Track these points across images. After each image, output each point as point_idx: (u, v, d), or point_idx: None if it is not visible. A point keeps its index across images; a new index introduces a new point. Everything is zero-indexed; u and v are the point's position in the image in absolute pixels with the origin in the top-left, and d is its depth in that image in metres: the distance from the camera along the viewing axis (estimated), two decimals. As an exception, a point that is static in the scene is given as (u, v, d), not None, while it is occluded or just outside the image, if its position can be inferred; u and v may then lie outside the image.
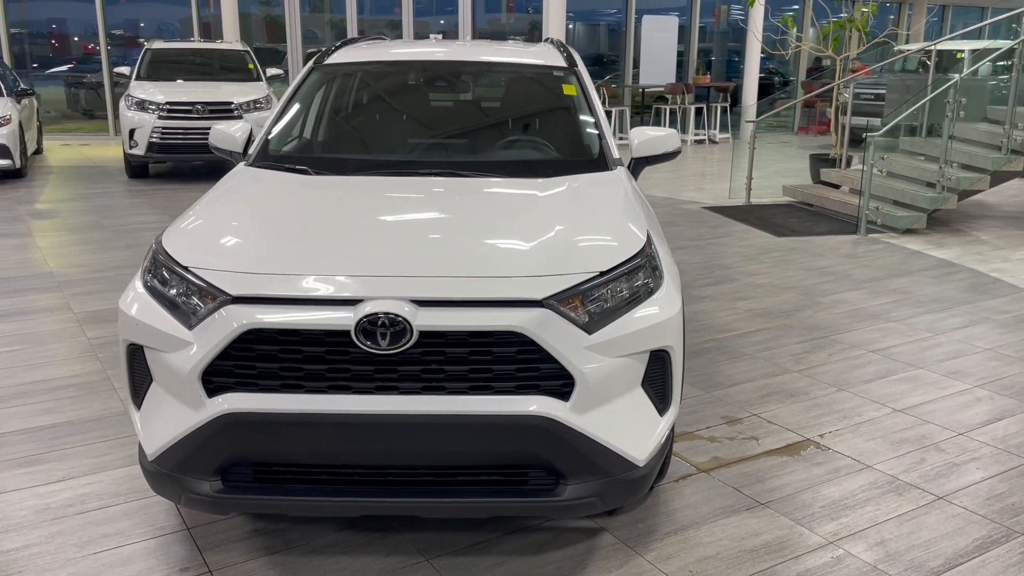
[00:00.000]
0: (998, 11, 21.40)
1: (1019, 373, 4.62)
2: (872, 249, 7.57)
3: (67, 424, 3.89)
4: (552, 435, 2.51)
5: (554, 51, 4.31)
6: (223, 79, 11.54)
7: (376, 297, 2.47)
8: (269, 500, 2.60)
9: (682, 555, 2.93)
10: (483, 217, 2.99)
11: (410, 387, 2.50)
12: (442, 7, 16.95)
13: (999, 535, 3.07)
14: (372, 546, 2.96)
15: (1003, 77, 10.21)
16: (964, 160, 8.38)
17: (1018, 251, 7.56)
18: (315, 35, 16.60)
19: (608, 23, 18.03)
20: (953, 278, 6.61)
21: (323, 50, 4.31)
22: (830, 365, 4.72)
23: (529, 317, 2.48)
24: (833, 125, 10.50)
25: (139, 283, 2.79)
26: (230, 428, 2.50)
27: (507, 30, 18.74)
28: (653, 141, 3.80)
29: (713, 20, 18.50)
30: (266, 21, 16.98)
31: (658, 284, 2.79)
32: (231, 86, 11.17)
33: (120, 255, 7.04)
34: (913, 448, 3.74)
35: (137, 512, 3.17)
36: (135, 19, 17.39)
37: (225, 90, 10.97)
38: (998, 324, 5.46)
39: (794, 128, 17.71)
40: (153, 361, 2.68)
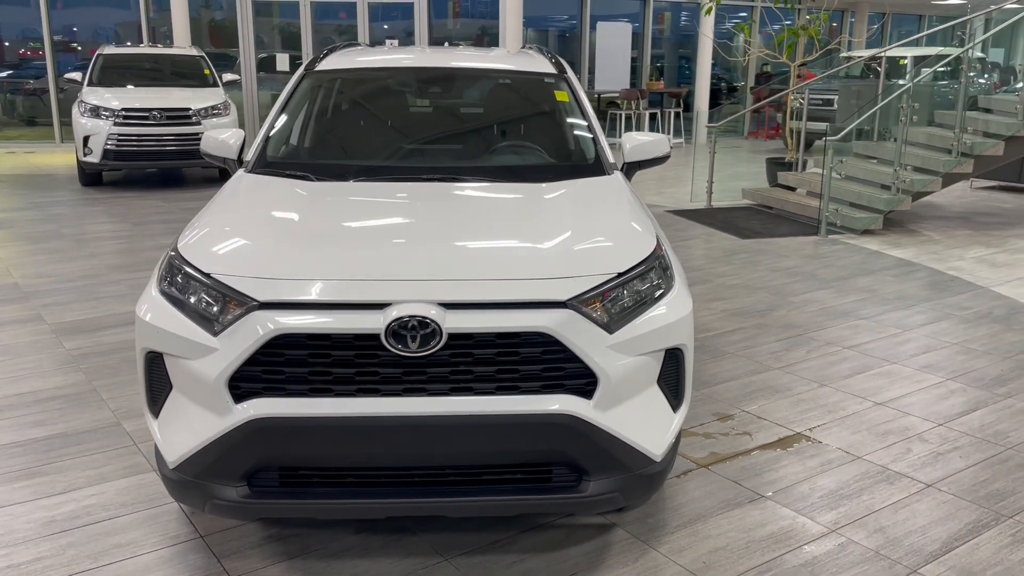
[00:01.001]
0: (933, 18, 22.18)
1: (987, 366, 4.83)
2: (834, 249, 7.81)
3: (60, 436, 3.82)
4: (577, 432, 2.57)
5: (542, 58, 4.39)
6: (178, 85, 11.37)
7: (404, 300, 2.51)
8: (296, 504, 2.61)
9: (694, 547, 3.02)
10: (498, 221, 3.04)
11: (438, 388, 2.54)
12: (387, 13, 16.89)
13: (988, 519, 3.23)
14: (390, 548, 2.99)
15: (946, 83, 10.63)
16: (916, 163, 8.69)
17: (970, 250, 7.87)
18: (261, 40, 16.42)
19: (562, 30, 18.19)
20: (913, 276, 6.86)
21: (313, 56, 4.31)
22: (809, 362, 4.87)
23: (554, 318, 2.54)
24: (788, 130, 10.77)
25: (155, 291, 2.78)
26: (258, 433, 2.51)
27: (454, 35, 18.76)
28: (644, 146, 3.90)
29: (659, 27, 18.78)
30: (211, 25, 16.74)
31: (670, 285, 2.88)
32: (187, 92, 11.01)
33: (85, 264, 6.90)
34: (898, 439, 3.89)
35: (147, 522, 3.15)
36: (70, 24, 16.96)
37: (182, 96, 10.80)
38: (961, 320, 5.69)
39: (744, 133, 18.09)
40: (174, 368, 2.67)
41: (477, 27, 18.85)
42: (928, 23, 22.07)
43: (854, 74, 14.61)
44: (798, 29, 10.23)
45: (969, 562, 2.95)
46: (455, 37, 18.29)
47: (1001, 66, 16.92)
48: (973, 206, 10.32)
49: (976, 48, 9.38)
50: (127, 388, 4.36)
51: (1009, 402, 4.32)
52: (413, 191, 3.31)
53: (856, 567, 2.91)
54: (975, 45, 9.40)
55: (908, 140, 8.66)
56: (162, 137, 10.43)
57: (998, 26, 9.79)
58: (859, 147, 9.47)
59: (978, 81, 11.51)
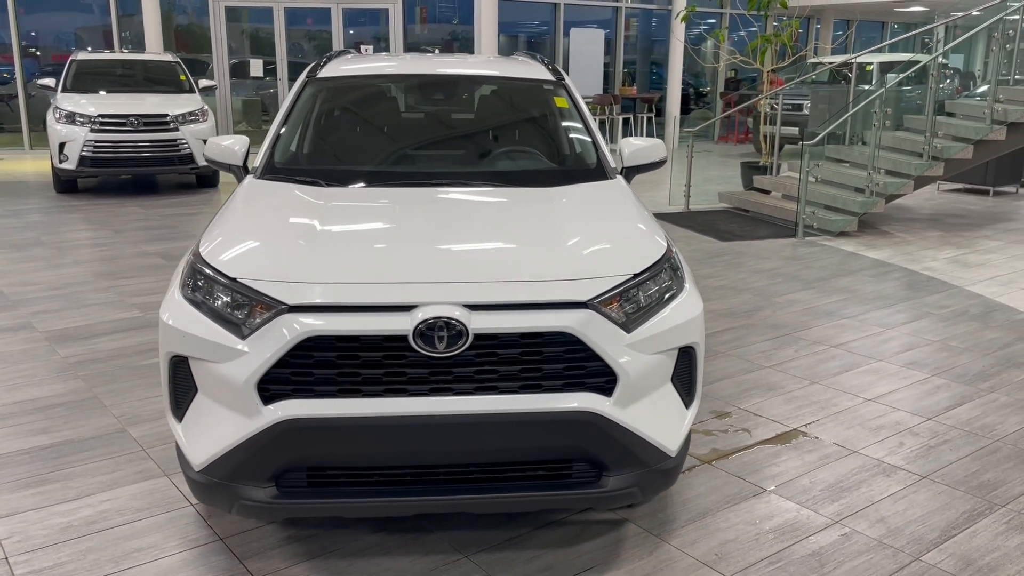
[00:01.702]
0: (895, 26, 22.66)
1: (969, 362, 5.00)
2: (811, 251, 7.99)
3: (67, 443, 3.82)
4: (598, 429, 2.65)
5: (539, 65, 4.47)
6: (154, 91, 11.29)
7: (431, 302, 2.57)
8: (325, 504, 2.66)
9: (705, 540, 3.11)
10: (513, 224, 3.11)
11: (464, 388, 2.61)
12: (355, 19, 16.87)
13: (983, 508, 3.36)
14: (409, 546, 3.04)
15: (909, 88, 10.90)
16: (889, 166, 8.91)
17: (942, 251, 8.09)
18: (231, 46, 16.33)
19: (535, 35, 18.33)
20: (890, 277, 7.04)
21: (314, 63, 4.36)
22: (798, 360, 5.01)
23: (576, 318, 2.62)
24: (762, 134, 10.97)
25: (179, 295, 2.82)
26: (288, 434, 2.55)
27: (422, 41, 18.81)
28: (642, 151, 3.99)
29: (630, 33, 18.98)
30: (177, 31, 16.62)
31: (681, 285, 2.97)
32: (164, 98, 10.94)
33: (70, 272, 6.86)
34: (890, 434, 4.03)
35: (165, 525, 3.17)
36: (28, 29, 16.70)
37: (159, 102, 10.74)
38: (940, 318, 5.87)
39: (714, 138, 18.35)
40: (200, 372, 2.71)
41: (446, 32, 18.92)
42: (890, 30, 22.55)
43: (821, 80, 14.90)
44: (771, 36, 10.43)
45: (967, 549, 3.08)
46: (423, 43, 18.34)
47: (961, 72, 17.39)
48: (941, 208, 10.59)
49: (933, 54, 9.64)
50: (128, 395, 4.37)
51: (993, 396, 4.48)
52: (425, 196, 3.37)
53: (862, 556, 3.02)
54: (943, 52, 9.65)
55: (882, 144, 8.88)
56: (139, 143, 10.35)
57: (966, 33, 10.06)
58: (831, 151, 9.68)
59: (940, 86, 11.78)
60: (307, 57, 16.60)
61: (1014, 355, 5.13)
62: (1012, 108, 8.52)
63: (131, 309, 5.86)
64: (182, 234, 8.41)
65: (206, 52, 15.64)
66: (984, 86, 14.59)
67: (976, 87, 15.74)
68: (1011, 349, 5.24)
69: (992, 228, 9.28)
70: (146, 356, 4.93)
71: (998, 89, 8.69)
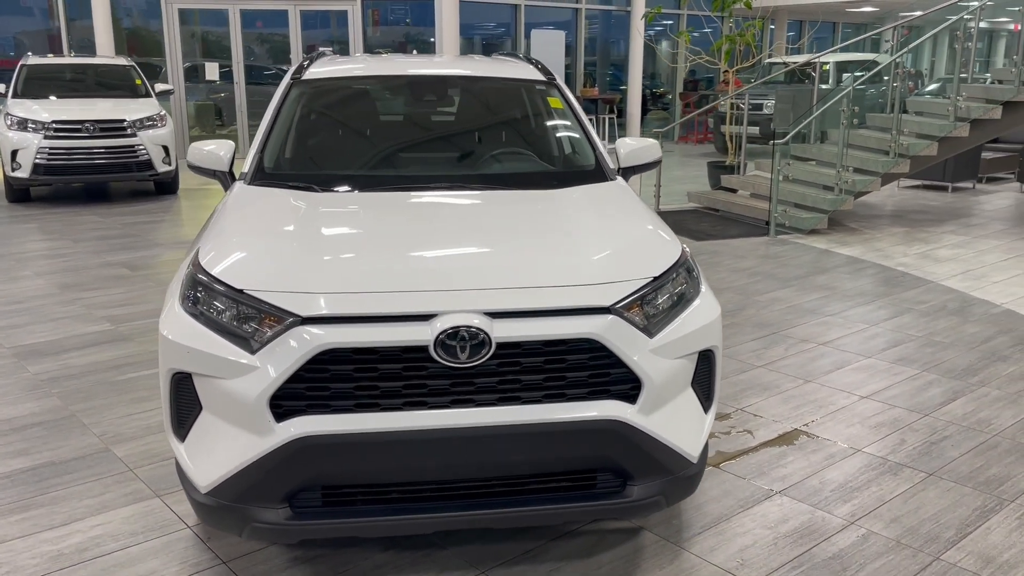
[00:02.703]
0: (846, 26, 23.07)
1: (955, 357, 5.04)
2: (785, 249, 8.03)
3: (48, 465, 3.63)
4: (623, 437, 2.58)
5: (529, 65, 4.39)
6: (109, 96, 10.95)
7: (450, 311, 2.47)
8: (341, 523, 2.54)
9: (724, 547, 3.06)
10: (525, 228, 3.02)
11: (486, 399, 2.51)
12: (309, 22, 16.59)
13: (993, 504, 3.36)
14: (421, 564, 2.94)
15: (875, 87, 11.07)
16: (856, 164, 9.01)
17: (912, 246, 8.19)
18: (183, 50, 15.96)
19: (495, 37, 18.25)
20: (866, 273, 7.10)
21: (297, 64, 4.21)
22: (789, 359, 5.00)
23: (600, 324, 2.54)
24: (728, 134, 11.03)
25: (179, 309, 2.67)
26: (304, 452, 2.43)
27: (375, 44, 18.62)
28: (638, 151, 3.94)
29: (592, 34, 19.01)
30: (127, 34, 16.20)
31: (698, 288, 2.91)
32: (120, 103, 10.62)
33: (32, 284, 6.59)
34: (891, 431, 4.02)
35: (162, 550, 3.02)
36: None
37: (115, 107, 10.42)
38: (921, 313, 5.93)
39: (674, 138, 18.45)
40: (205, 389, 2.57)
41: (400, 35, 18.74)
42: (841, 30, 22.94)
43: (778, 80, 15.07)
44: (735, 36, 10.49)
45: (985, 546, 3.07)
46: (376, 45, 18.12)
47: (912, 71, 17.75)
48: (904, 204, 10.75)
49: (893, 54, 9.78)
50: (108, 412, 4.18)
51: (984, 391, 4.51)
52: (428, 200, 3.27)
53: (883, 557, 2.99)
54: (904, 52, 9.81)
55: (846, 142, 8.97)
56: (95, 150, 10.03)
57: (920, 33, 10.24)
58: (796, 149, 9.75)
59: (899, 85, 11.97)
60: (260, 60, 16.31)
61: (998, 348, 5.18)
62: (974, 105, 8.68)
63: (100, 322, 5.63)
64: (145, 243, 8.15)
65: (156, 55, 15.27)
66: (933, 84, 14.93)
67: (925, 85, 16.09)
68: (994, 343, 5.29)
69: (955, 223, 9.44)
70: (122, 371, 4.73)
71: (960, 87, 8.84)
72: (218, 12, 15.10)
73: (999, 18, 19.04)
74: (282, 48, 16.52)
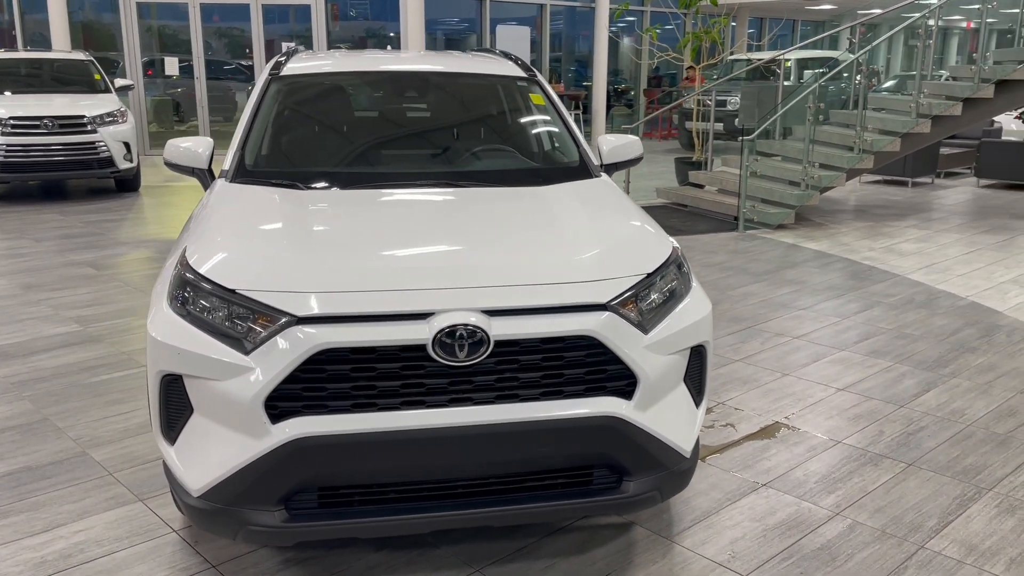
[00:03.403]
0: (805, 23, 23.39)
1: (926, 349, 5.14)
2: (754, 244, 8.12)
3: (24, 471, 3.55)
4: (620, 433, 2.59)
5: (508, 62, 4.38)
6: (67, 91, 10.71)
7: (448, 309, 2.46)
8: (338, 524, 2.51)
9: (715, 540, 3.09)
10: (518, 225, 3.01)
11: (484, 397, 2.51)
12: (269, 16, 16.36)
13: (972, 492, 3.44)
14: (416, 563, 2.92)
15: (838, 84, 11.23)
16: (822, 160, 9.15)
17: (877, 241, 8.34)
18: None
19: (459, 32, 18.18)
20: (834, 268, 7.21)
21: (276, 61, 4.15)
22: (765, 353, 5.06)
23: (597, 321, 2.55)
24: (695, 131, 11.12)
25: (168, 309, 2.62)
26: (301, 453, 2.40)
27: (335, 39, 18.45)
28: (621, 148, 3.96)
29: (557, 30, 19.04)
30: (82, 28, 15.85)
31: (689, 284, 2.93)
32: (80, 98, 10.39)
33: (-6, 285, 6.43)
34: (868, 423, 4.09)
35: (149, 555, 2.96)
36: None
37: (74, 103, 10.19)
38: (890, 307, 6.04)
39: (639, 134, 18.55)
40: (196, 391, 2.53)
41: (361, 29, 18.59)
42: (800, 28, 23.25)
43: (739, 77, 15.23)
44: (701, 33, 10.58)
45: (967, 534, 3.14)
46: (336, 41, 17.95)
47: (876, 68, 18.07)
48: (866, 200, 10.93)
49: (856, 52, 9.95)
50: (83, 415, 4.09)
51: (956, 382, 4.61)
52: (416, 198, 3.24)
53: (869, 547, 3.05)
54: (866, 49, 9.97)
55: (815, 139, 9.10)
56: (54, 147, 9.81)
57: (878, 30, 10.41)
58: (761, 145, 9.88)
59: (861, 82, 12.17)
60: (217, 54, 16.05)
61: (966, 340, 5.30)
62: (935, 102, 8.85)
63: (68, 323, 5.51)
64: (109, 241, 7.99)
65: (111, 50, 14.98)
66: (889, 81, 15.22)
67: (882, 82, 16.37)
68: (962, 335, 5.41)
69: (916, 217, 9.63)
70: (95, 373, 4.64)
71: (921, 84, 9.01)
72: (177, 6, 14.84)
73: (952, 16, 19.44)
74: (240, 43, 16.30)
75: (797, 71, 15.06)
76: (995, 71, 8.69)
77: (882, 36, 10.30)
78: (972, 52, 26.24)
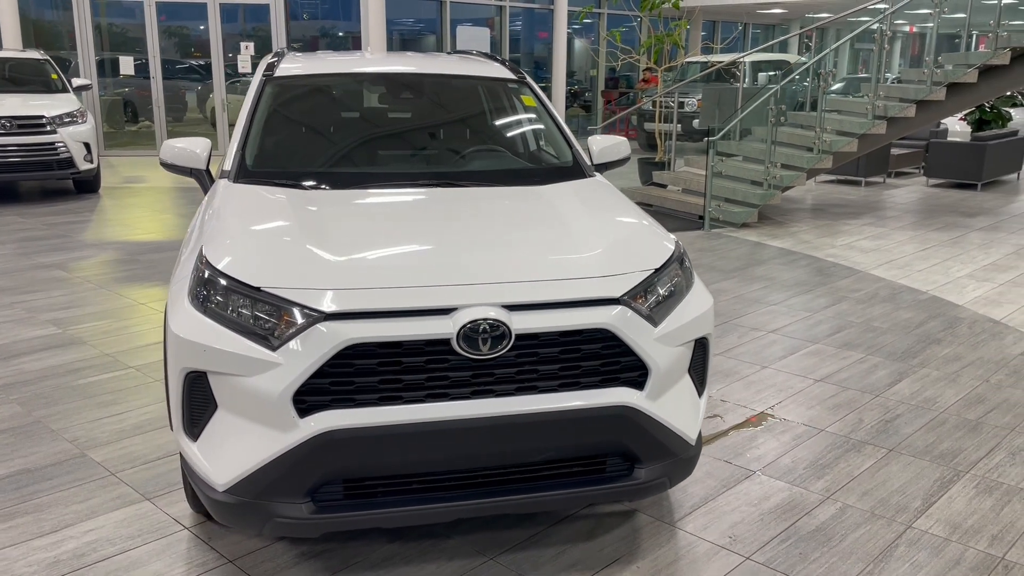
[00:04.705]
0: (756, 27, 23.88)
1: (895, 340, 5.36)
2: (720, 243, 8.33)
3: (24, 473, 3.53)
4: (633, 422, 2.69)
5: (496, 64, 4.46)
6: (23, 91, 10.49)
7: (470, 304, 2.54)
8: (364, 515, 2.58)
9: (715, 524, 3.22)
10: (527, 223, 3.09)
11: (505, 389, 2.59)
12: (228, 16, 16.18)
13: (951, 475, 3.63)
14: (430, 554, 2.99)
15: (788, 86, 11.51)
16: (783, 160, 9.40)
17: (837, 238, 8.61)
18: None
19: (415, 33, 18.18)
20: (799, 264, 7.44)
21: (268, 63, 4.18)
22: (744, 346, 5.22)
23: (613, 314, 2.65)
24: (657, 131, 11.32)
25: (190, 307, 2.66)
26: (329, 446, 2.46)
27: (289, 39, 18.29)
28: (610, 148, 4.08)
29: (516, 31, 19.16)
30: (32, 26, 15.49)
31: (691, 279, 3.05)
32: (37, 98, 10.19)
33: (-38, 288, 6.30)
34: (848, 411, 4.27)
35: (164, 552, 2.99)
36: None
37: (32, 103, 9.99)
38: (857, 301, 6.26)
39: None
40: (221, 387, 2.57)
41: (315, 29, 18.49)
42: (751, 31, 23.73)
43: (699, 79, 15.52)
44: (663, 36, 10.78)
45: (950, 514, 3.31)
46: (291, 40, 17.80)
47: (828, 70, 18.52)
48: (822, 199, 11.25)
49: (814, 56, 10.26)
50: (76, 417, 4.07)
51: (925, 371, 4.83)
52: (425, 197, 3.30)
53: (861, 527, 3.20)
54: (825, 53, 10.27)
55: (776, 140, 9.35)
56: (11, 148, 9.61)
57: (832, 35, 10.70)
58: (723, 146, 10.10)
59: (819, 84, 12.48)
60: (167, 54, 15.80)
61: (931, 332, 5.54)
62: (891, 104, 9.16)
63: (46, 326, 5.45)
64: (75, 244, 7.88)
65: (63, 48, 14.68)
66: (837, 83, 15.64)
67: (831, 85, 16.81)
68: (927, 327, 5.65)
69: (872, 216, 9.95)
70: (82, 375, 4.60)
71: (877, 86, 9.32)
72: (133, 5, 14.59)
73: (898, 20, 20.05)
74: (193, 42, 16.11)
75: (751, 74, 15.40)
76: (947, 74, 9.03)
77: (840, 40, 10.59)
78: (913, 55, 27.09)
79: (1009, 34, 8.77)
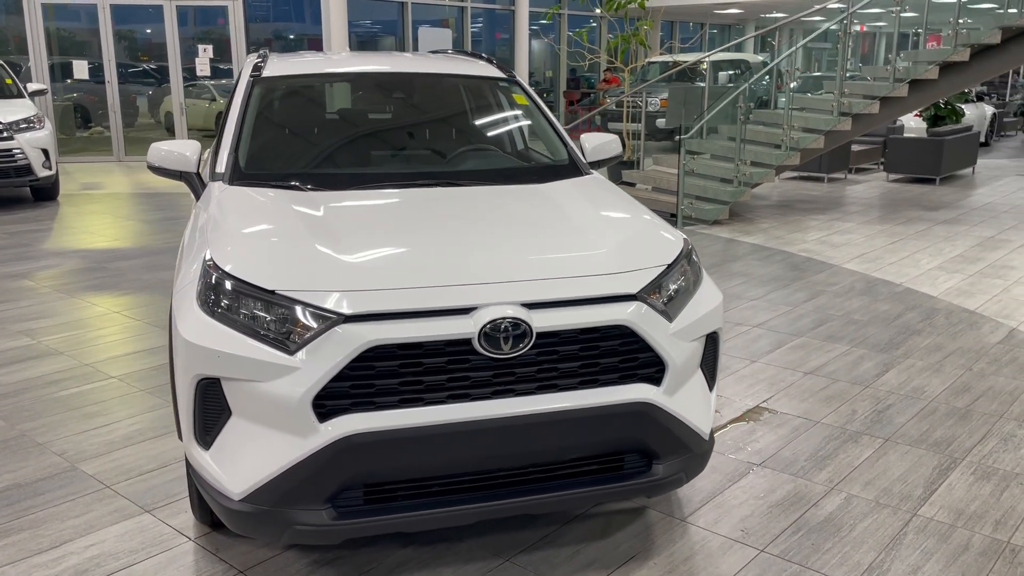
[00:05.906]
0: (712, 27, 24.16)
1: (877, 332, 5.44)
2: (695, 240, 8.38)
3: (15, 488, 3.41)
4: (651, 418, 2.69)
5: (486, 64, 4.43)
6: (-27, 97, 10.19)
7: (490, 303, 2.51)
8: (385, 520, 2.53)
9: (726, 519, 3.23)
10: (537, 221, 3.07)
11: (525, 388, 2.57)
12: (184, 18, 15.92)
13: (948, 463, 3.69)
14: (445, 557, 2.96)
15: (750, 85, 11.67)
16: (752, 157, 9.51)
17: (808, 234, 8.74)
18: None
19: (375, 35, 18.05)
20: (774, 260, 7.53)
21: (255, 63, 4.10)
22: (731, 342, 5.26)
23: (630, 310, 2.64)
24: (625, 131, 11.38)
25: (199, 312, 2.58)
26: (351, 450, 2.41)
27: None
28: (603, 146, 4.07)
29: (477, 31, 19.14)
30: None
31: (700, 275, 3.06)
32: (-8, 104, 9.91)
33: (-75, 300, 6.09)
34: (841, 403, 4.32)
35: (170, 565, 2.90)
36: None
37: (-14, 108, 9.71)
38: (834, 294, 6.35)
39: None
40: (235, 393, 2.50)
41: (269, 31, 18.28)
42: (708, 31, 24.00)
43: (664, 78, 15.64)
44: (629, 36, 10.84)
45: (952, 500, 3.37)
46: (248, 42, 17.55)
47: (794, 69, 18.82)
48: (788, 195, 11.40)
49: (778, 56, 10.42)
50: (62, 429, 3.95)
51: (910, 362, 4.91)
52: (429, 196, 3.26)
53: (868, 517, 3.24)
54: (788, 52, 10.41)
55: (744, 138, 9.45)
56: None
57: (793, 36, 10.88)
58: (691, 144, 10.17)
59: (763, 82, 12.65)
60: (121, 57, 15.48)
61: (910, 324, 5.63)
62: (855, 101, 9.33)
63: (18, 337, 5.29)
64: (39, 253, 7.66)
65: (13, 53, 14.30)
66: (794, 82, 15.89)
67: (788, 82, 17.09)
68: (906, 318, 5.75)
69: (838, 211, 10.11)
70: (63, 387, 4.47)
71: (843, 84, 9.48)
72: (86, 8, 14.26)
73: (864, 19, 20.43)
74: (145, 47, 15.83)
75: (712, 73, 15.58)
76: (909, 71, 9.22)
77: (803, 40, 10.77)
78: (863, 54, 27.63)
79: (968, 31, 8.98)
